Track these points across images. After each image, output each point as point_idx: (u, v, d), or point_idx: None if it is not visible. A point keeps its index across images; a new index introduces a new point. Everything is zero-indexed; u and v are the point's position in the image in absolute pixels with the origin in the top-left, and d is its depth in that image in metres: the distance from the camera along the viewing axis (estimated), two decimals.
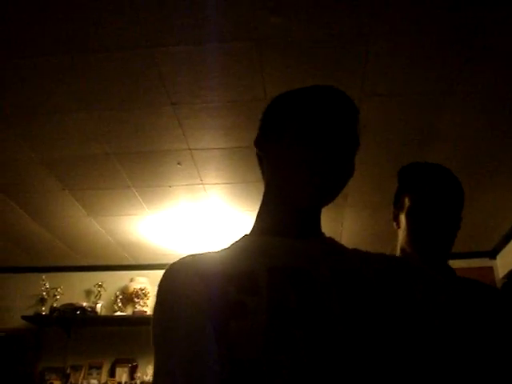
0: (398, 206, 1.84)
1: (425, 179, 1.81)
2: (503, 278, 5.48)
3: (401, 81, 3.08)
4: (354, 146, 1.14)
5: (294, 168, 1.10)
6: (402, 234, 1.79)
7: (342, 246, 1.20)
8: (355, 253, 1.18)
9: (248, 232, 1.21)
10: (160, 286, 1.09)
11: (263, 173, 1.25)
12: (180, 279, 1.07)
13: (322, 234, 1.21)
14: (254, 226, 1.22)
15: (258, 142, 1.23)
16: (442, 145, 3.68)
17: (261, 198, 1.27)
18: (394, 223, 1.86)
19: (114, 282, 5.96)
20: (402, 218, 1.79)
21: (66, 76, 3.05)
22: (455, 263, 5.64)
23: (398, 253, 1.81)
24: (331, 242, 1.20)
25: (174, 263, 1.12)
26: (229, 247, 1.18)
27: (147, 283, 5.83)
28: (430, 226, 1.72)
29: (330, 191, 1.12)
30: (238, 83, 3.11)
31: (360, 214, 4.63)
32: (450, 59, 2.89)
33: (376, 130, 3.50)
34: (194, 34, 2.75)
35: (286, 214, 1.16)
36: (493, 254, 5.67)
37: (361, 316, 1.00)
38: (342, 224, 4.85)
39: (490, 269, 5.63)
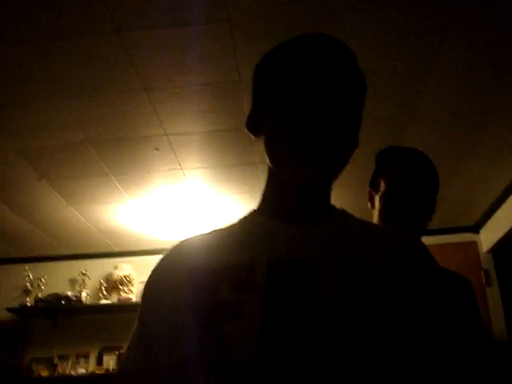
0: (374, 188, 1.87)
1: (400, 164, 1.83)
2: (487, 252, 5.50)
3: (377, 58, 3.03)
4: (354, 100, 1.03)
5: (288, 146, 0.99)
6: (375, 214, 1.83)
7: (353, 224, 1.10)
8: (367, 232, 1.09)
9: (256, 207, 1.12)
10: (147, 281, 1.07)
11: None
12: (167, 277, 1.03)
13: (333, 211, 1.09)
14: (260, 204, 1.12)
15: (249, 124, 1.11)
16: (423, 122, 3.66)
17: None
18: (369, 203, 1.90)
19: (97, 269, 5.92)
20: (377, 199, 1.83)
21: (38, 64, 2.98)
22: (439, 239, 5.66)
23: None
24: (342, 222, 1.08)
25: (164, 257, 1.07)
26: (234, 224, 1.10)
27: (131, 270, 5.79)
28: (403, 210, 1.75)
29: (332, 166, 1.01)
30: (212, 66, 3.06)
31: (344, 192, 4.61)
32: (427, 35, 2.86)
33: None
34: (166, 17, 2.70)
35: (290, 196, 1.05)
36: (476, 228, 5.69)
37: (363, 314, 0.92)
38: None
39: (474, 243, 5.64)
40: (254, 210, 1.11)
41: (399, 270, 1.01)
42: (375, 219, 1.83)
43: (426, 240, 5.07)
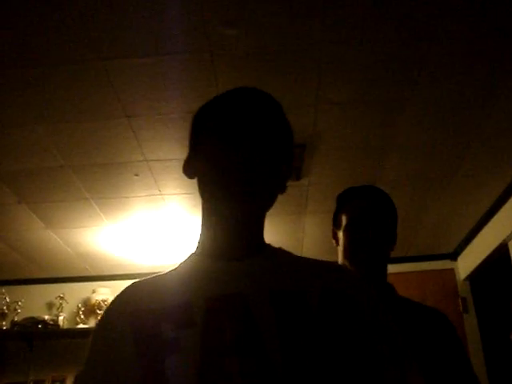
0: (336, 225, 1.95)
1: (359, 198, 1.91)
2: (464, 279, 5.55)
3: (355, 89, 3.09)
4: (279, 145, 1.11)
5: (213, 184, 1.08)
6: (340, 250, 1.90)
7: (288, 259, 1.17)
8: (302, 265, 1.15)
9: (194, 251, 1.20)
10: (99, 319, 1.15)
11: None
12: (114, 319, 1.10)
13: (267, 248, 1.17)
14: (197, 246, 1.19)
15: (185, 167, 1.21)
16: (399, 151, 3.71)
17: None
18: (334, 241, 1.97)
19: (75, 293, 5.87)
20: (340, 235, 1.90)
21: (20, 89, 2.99)
22: (417, 266, 5.72)
23: None
24: (276, 257, 1.16)
25: (118, 296, 1.14)
26: (176, 268, 1.17)
27: (109, 294, 5.73)
28: (366, 239, 1.82)
29: (257, 201, 1.08)
30: (193, 94, 3.09)
31: (321, 219, 4.64)
32: (404, 66, 2.91)
33: (333, 137, 3.52)
34: (148, 45, 2.73)
35: (222, 234, 1.13)
36: (454, 255, 5.73)
37: (297, 342, 0.98)
38: (304, 230, 4.86)
39: (452, 271, 5.69)
40: (193, 253, 1.19)
41: (334, 298, 1.07)
42: (340, 255, 1.90)
43: (404, 267, 5.11)
